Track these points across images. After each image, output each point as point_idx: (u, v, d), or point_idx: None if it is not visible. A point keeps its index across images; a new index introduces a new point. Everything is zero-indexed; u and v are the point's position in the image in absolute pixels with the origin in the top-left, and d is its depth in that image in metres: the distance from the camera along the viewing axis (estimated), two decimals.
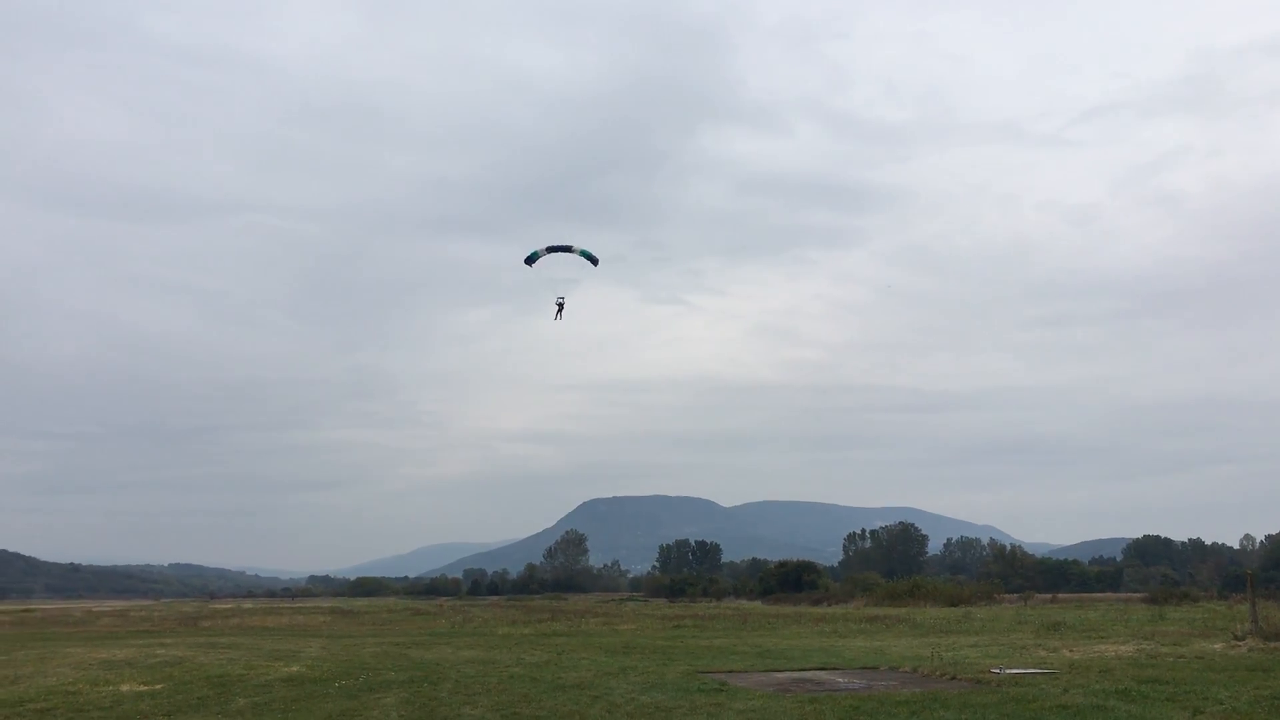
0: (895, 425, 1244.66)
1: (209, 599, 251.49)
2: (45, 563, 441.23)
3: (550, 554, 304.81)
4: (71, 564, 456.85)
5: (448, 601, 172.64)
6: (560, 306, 44.17)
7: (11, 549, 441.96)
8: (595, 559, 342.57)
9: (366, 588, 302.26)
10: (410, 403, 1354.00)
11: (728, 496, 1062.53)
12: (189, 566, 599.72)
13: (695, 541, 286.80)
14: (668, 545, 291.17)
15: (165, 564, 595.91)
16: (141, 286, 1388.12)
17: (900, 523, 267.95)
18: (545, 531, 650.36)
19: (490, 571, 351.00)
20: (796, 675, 28.75)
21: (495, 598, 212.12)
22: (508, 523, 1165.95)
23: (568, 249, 43.17)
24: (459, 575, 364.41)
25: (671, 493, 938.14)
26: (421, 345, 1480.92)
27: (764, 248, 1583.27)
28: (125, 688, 26.36)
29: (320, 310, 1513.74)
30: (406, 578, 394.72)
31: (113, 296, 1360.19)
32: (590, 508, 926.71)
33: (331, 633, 64.15)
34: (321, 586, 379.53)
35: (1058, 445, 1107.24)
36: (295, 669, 30.88)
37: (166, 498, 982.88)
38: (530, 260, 43.46)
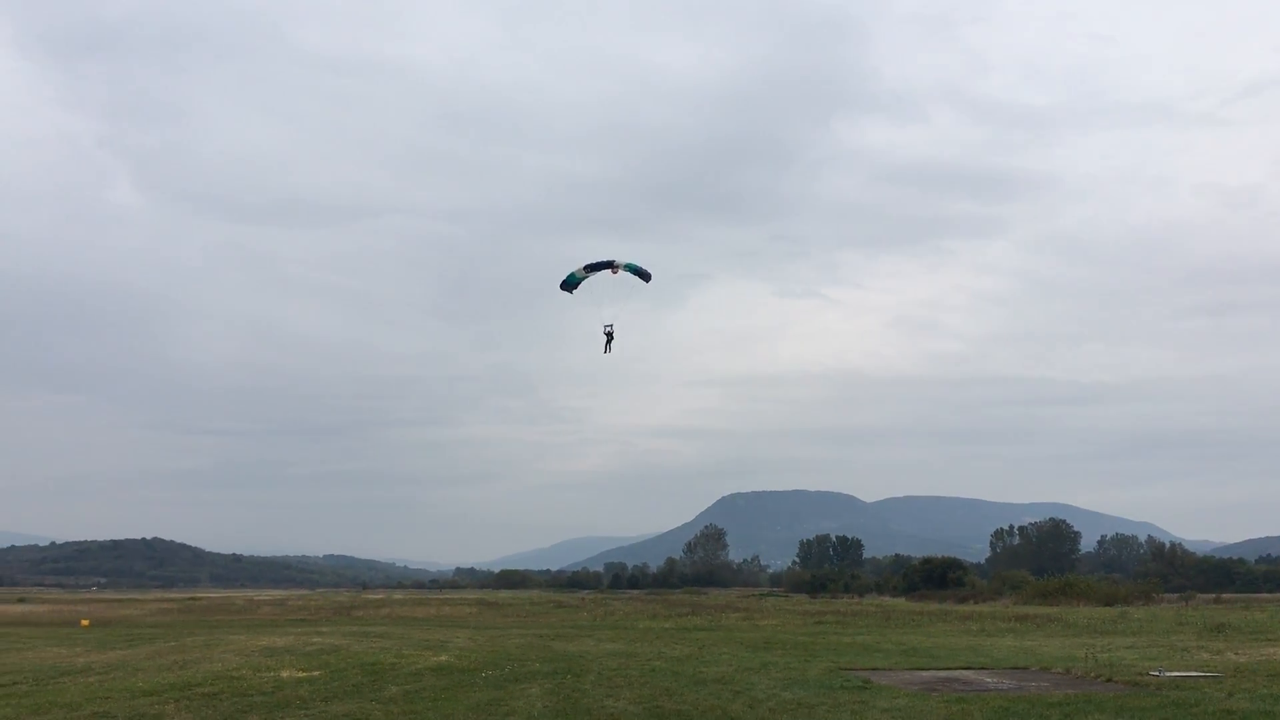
0: (1044, 419, 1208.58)
1: (361, 589, 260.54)
2: (210, 553, 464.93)
3: (690, 548, 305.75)
4: (234, 554, 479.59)
5: (589, 595, 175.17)
6: (610, 337, 38.71)
7: (179, 540, 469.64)
8: (734, 554, 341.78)
9: (510, 580, 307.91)
10: (549, 399, 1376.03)
11: (868, 491, 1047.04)
12: (342, 557, 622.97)
13: (836, 537, 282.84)
14: (808, 540, 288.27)
15: (320, 555, 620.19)
16: (293, 289, 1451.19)
17: (1051, 519, 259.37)
18: (684, 526, 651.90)
19: (630, 565, 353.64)
20: (942, 674, 28.17)
21: (636, 591, 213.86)
22: (647, 517, 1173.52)
23: (609, 265, 37.98)
24: (599, 569, 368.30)
25: (811, 487, 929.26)
26: (558, 342, 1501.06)
27: (902, 239, 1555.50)
28: (285, 674, 27.55)
29: (461, 309, 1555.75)
30: (548, 571, 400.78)
31: (267, 299, 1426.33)
32: (729, 502, 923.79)
33: (478, 624, 65.78)
34: (467, 578, 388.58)
35: (1219, 438, 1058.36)
36: (444, 659, 31.76)
37: (321, 491, 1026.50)
38: (569, 285, 38.41)
